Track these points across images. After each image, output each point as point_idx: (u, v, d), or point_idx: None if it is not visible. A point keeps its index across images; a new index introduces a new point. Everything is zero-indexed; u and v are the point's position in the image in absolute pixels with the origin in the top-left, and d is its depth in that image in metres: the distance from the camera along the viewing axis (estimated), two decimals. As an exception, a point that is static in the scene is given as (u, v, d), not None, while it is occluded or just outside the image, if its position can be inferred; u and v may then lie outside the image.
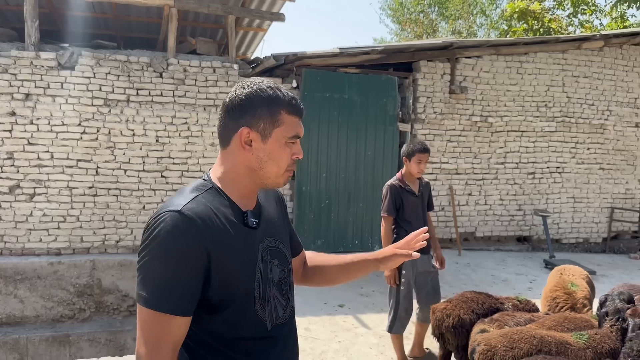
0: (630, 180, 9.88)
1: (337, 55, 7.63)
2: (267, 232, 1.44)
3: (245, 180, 1.41)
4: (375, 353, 4.66)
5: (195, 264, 1.26)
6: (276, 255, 1.44)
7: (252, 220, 1.39)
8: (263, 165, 1.38)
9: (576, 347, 2.97)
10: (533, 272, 7.64)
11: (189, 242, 1.25)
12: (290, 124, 1.39)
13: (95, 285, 6.91)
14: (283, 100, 1.38)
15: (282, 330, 1.42)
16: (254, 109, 1.36)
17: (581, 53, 9.29)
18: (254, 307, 1.35)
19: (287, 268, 1.48)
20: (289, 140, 1.39)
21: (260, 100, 1.36)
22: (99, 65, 6.93)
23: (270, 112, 1.36)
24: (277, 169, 1.40)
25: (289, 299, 1.47)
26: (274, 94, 1.38)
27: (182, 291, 1.25)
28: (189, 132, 7.36)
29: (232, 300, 1.32)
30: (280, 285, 1.43)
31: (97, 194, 7.05)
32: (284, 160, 1.40)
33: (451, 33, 21.08)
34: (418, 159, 4.10)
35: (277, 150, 1.38)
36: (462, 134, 8.64)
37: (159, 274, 1.25)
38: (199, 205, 1.31)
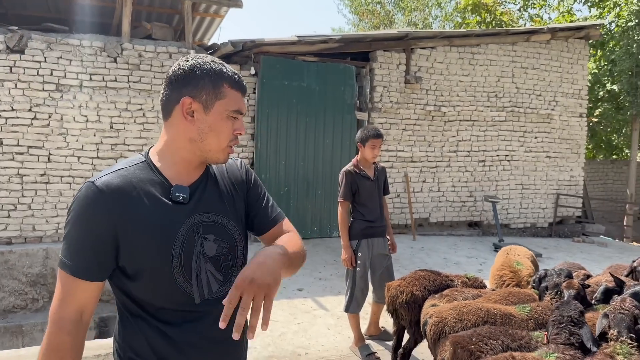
0: (575, 167, 10.39)
1: (295, 43, 7.68)
2: (204, 207, 1.43)
3: (184, 153, 1.42)
4: (333, 333, 4.80)
5: (101, 233, 1.30)
6: (212, 231, 1.43)
7: (178, 195, 1.39)
8: (204, 136, 1.39)
9: (519, 319, 3.18)
10: (483, 255, 7.97)
11: (96, 212, 1.30)
12: (233, 98, 1.41)
13: (49, 275, 6.77)
14: (226, 74, 1.40)
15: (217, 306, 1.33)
16: (196, 79, 1.37)
17: (530, 45, 9.67)
18: (174, 279, 1.36)
19: (230, 243, 1.47)
20: (230, 114, 1.40)
21: (203, 72, 1.38)
22: (50, 49, 6.75)
23: (213, 84, 1.38)
24: (218, 142, 1.41)
25: (230, 275, 1.46)
26: (217, 68, 1.40)
27: (88, 257, 1.31)
28: (145, 118, 7.27)
29: (146, 271, 1.35)
30: (218, 260, 1.43)
31: (49, 182, 6.89)
32: (225, 133, 1.41)
33: (407, 24, 21.42)
34: (372, 144, 4.23)
35: (219, 122, 1.39)
36: (416, 123, 8.87)
37: (70, 239, 1.32)
38: (117, 178, 1.35)
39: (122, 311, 1.43)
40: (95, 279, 1.33)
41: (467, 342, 2.74)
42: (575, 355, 2.54)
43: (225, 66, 1.42)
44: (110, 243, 1.32)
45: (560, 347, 2.57)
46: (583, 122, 10.39)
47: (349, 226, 4.36)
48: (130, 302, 1.40)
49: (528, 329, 3.09)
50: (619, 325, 2.61)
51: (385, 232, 4.47)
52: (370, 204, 4.34)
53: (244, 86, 1.44)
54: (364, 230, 4.30)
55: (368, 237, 4.31)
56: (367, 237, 4.30)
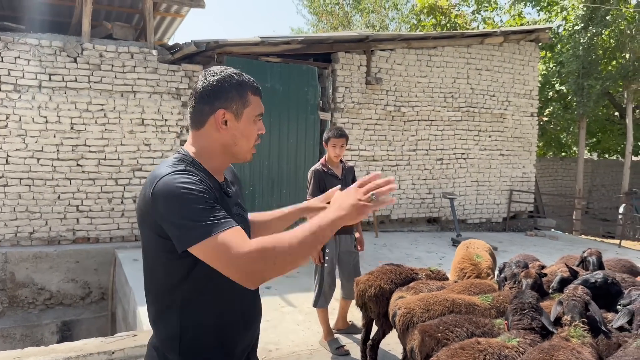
0: (527, 165, 10.88)
1: (258, 44, 7.75)
2: (236, 201, 1.66)
3: (220, 157, 1.59)
4: (302, 329, 4.92)
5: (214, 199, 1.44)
6: (243, 221, 1.64)
7: (229, 190, 1.62)
8: (237, 141, 1.58)
9: (482, 307, 3.39)
10: (442, 249, 8.26)
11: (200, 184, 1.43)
12: (256, 103, 1.59)
13: (8, 279, 6.61)
14: (249, 83, 1.58)
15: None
16: (226, 93, 1.54)
17: (483, 48, 10.06)
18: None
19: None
20: (256, 118, 1.59)
21: (231, 85, 1.55)
22: (7, 49, 6.58)
23: (240, 95, 1.55)
24: (248, 144, 1.60)
25: None
26: (240, 79, 1.57)
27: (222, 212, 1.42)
28: (106, 119, 7.18)
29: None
30: None
31: (7, 184, 6.71)
32: (253, 135, 1.60)
33: (365, 26, 21.75)
34: (333, 144, 4.40)
35: (248, 127, 1.58)
36: (377, 123, 9.09)
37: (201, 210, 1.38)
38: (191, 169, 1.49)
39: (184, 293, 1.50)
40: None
41: (434, 331, 2.92)
42: (535, 339, 2.75)
43: (244, 76, 1.60)
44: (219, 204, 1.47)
45: (521, 332, 2.78)
46: (534, 121, 10.88)
47: None
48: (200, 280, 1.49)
49: (490, 317, 3.30)
50: (572, 311, 2.84)
51: (353, 229, 4.61)
52: None
53: (261, 90, 1.63)
54: None
55: (335, 234, 4.45)
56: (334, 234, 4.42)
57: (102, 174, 7.17)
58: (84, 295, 7.00)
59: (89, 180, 7.11)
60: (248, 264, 1.35)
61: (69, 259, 6.87)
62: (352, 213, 1.47)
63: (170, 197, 1.40)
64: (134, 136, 7.31)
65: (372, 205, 1.48)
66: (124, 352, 3.96)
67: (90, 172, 7.13)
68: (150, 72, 7.34)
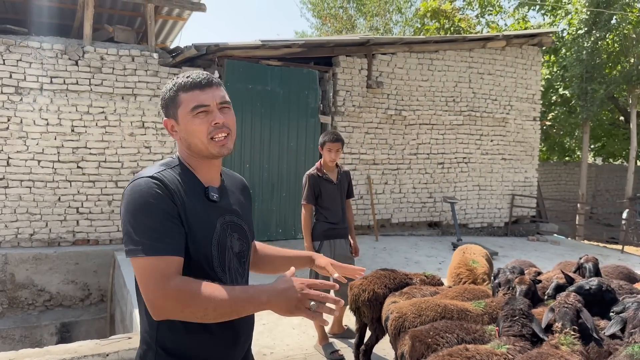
0: (529, 169, 10.84)
1: (259, 47, 7.77)
2: (229, 209, 1.62)
3: (194, 158, 1.59)
4: (297, 333, 4.92)
5: (173, 213, 1.44)
6: (237, 230, 1.62)
7: (213, 195, 1.57)
8: (189, 140, 1.56)
9: (475, 313, 3.38)
10: (442, 254, 8.24)
11: (164, 197, 1.43)
12: (188, 100, 1.54)
13: (8, 280, 6.65)
14: (179, 85, 1.55)
15: None
16: (165, 102, 1.58)
17: (486, 52, 10.05)
18: (214, 268, 1.52)
19: (247, 244, 1.67)
20: (194, 113, 1.53)
21: (165, 92, 1.58)
22: (9, 51, 6.63)
23: (172, 99, 1.56)
24: (199, 139, 1.54)
25: (245, 271, 1.68)
26: (174, 84, 1.57)
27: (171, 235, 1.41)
28: (107, 121, 7.22)
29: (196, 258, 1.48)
30: (240, 257, 1.63)
31: (8, 186, 6.76)
32: (198, 131, 1.53)
33: (369, 29, 21.77)
34: (328, 148, 4.36)
35: (189, 125, 1.54)
36: (378, 127, 9.09)
37: (147, 226, 1.40)
38: (168, 175, 1.50)
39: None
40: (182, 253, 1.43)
41: (424, 336, 2.91)
42: (525, 346, 2.74)
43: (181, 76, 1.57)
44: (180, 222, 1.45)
45: (511, 339, 2.77)
46: (537, 125, 10.85)
47: (311, 228, 4.49)
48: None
49: (483, 323, 3.28)
50: (563, 318, 2.82)
51: (348, 234, 4.60)
52: (333, 207, 4.47)
53: (199, 82, 1.54)
54: (326, 231, 4.43)
55: (330, 239, 4.44)
56: (329, 238, 4.43)
57: (102, 177, 7.21)
58: (83, 297, 7.03)
59: (89, 182, 7.15)
60: (160, 298, 1.36)
61: (68, 260, 6.90)
62: (284, 306, 1.39)
63: (129, 202, 1.44)
64: (134, 139, 7.34)
65: (306, 311, 1.39)
66: (118, 354, 3.98)
67: (91, 174, 7.16)
68: (151, 75, 7.38)
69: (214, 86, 1.56)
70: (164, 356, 1.51)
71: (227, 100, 1.59)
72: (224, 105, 1.57)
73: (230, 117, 1.59)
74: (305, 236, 4.44)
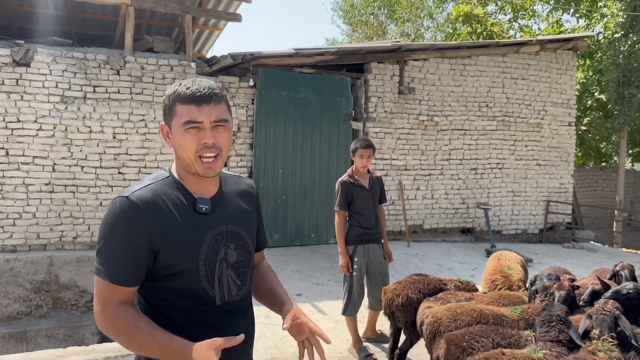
0: (564, 175, 10.67)
1: (292, 55, 7.92)
2: (225, 218, 1.60)
3: (182, 170, 1.58)
4: (331, 336, 4.99)
5: (138, 242, 1.45)
6: (233, 240, 1.60)
7: (202, 207, 1.55)
8: (177, 152, 1.55)
9: (511, 319, 3.39)
10: (476, 260, 8.19)
11: (133, 223, 1.45)
12: (183, 113, 1.50)
13: (53, 282, 6.92)
14: (178, 94, 1.51)
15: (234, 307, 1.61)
16: (164, 107, 1.56)
17: (519, 57, 9.96)
18: (199, 282, 1.52)
19: (247, 252, 1.65)
20: (185, 127, 1.50)
21: (166, 99, 1.55)
22: (56, 62, 6.94)
23: (169, 107, 1.54)
24: (186, 154, 1.52)
25: (245, 281, 1.65)
26: (174, 91, 1.53)
27: (127, 266, 1.46)
28: (147, 129, 7.46)
29: (177, 274, 1.50)
30: (238, 267, 1.61)
31: (53, 191, 7.06)
32: (187, 146, 1.50)
33: (400, 35, 21.76)
34: (360, 154, 4.45)
35: (179, 138, 1.51)
36: (410, 132, 9.12)
37: (108, 250, 1.47)
38: (148, 192, 1.50)
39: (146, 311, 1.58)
40: (134, 284, 1.51)
41: (460, 340, 2.95)
42: (562, 352, 2.75)
43: (183, 85, 1.53)
44: (147, 251, 1.48)
45: (547, 345, 2.79)
46: (572, 130, 10.68)
47: (345, 233, 4.57)
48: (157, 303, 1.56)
49: (519, 328, 3.30)
50: (601, 325, 2.83)
51: (381, 239, 4.66)
52: (366, 212, 4.55)
53: (198, 97, 1.50)
54: (360, 236, 4.51)
55: (364, 243, 4.52)
56: (363, 242, 4.51)
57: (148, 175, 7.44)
58: (123, 299, 7.26)
59: (129, 187, 7.39)
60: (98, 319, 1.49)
61: (109, 263, 7.13)
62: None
63: (103, 220, 1.50)
64: (172, 145, 7.56)
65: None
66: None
67: (131, 179, 7.41)
68: (189, 84, 7.59)
69: (212, 103, 1.51)
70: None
71: (223, 118, 1.52)
72: (219, 124, 1.52)
73: (223, 137, 1.54)
74: (339, 242, 4.52)
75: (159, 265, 1.51)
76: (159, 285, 1.54)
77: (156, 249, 1.49)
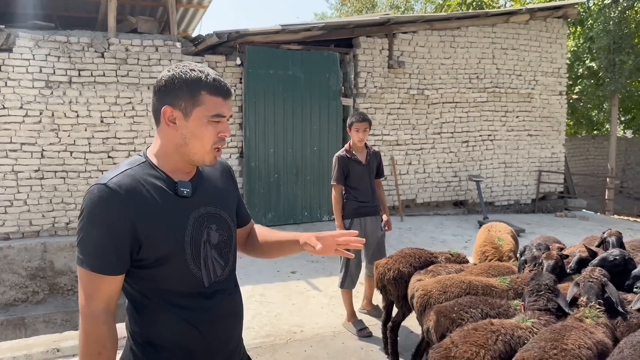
0: (556, 145, 10.69)
1: (279, 32, 7.82)
2: (205, 200, 1.59)
3: (174, 156, 1.54)
4: (326, 311, 5.05)
5: (120, 230, 1.43)
6: (214, 221, 1.59)
7: (183, 190, 1.53)
8: (187, 141, 1.50)
9: (500, 289, 3.43)
10: (468, 232, 8.25)
11: (113, 211, 1.42)
12: (212, 104, 1.49)
13: (48, 268, 6.94)
14: (204, 82, 1.48)
15: (221, 287, 1.61)
16: (175, 89, 1.48)
17: (509, 26, 9.88)
18: (187, 265, 1.52)
19: (228, 232, 1.64)
20: (211, 119, 1.49)
21: (182, 82, 1.48)
22: (38, 46, 6.83)
23: (191, 93, 1.47)
24: (202, 146, 1.51)
25: (228, 260, 1.64)
26: (195, 76, 1.48)
27: (109, 254, 1.43)
28: (134, 111, 7.39)
29: (164, 259, 1.48)
30: (220, 247, 1.61)
31: (43, 177, 7.02)
32: (207, 137, 1.50)
33: (389, 8, 21.49)
34: (356, 128, 4.52)
35: (200, 128, 1.49)
36: (401, 107, 9.08)
37: (89, 239, 1.44)
38: (126, 178, 1.46)
39: (135, 299, 1.55)
40: (118, 273, 1.48)
41: (449, 311, 2.98)
42: (550, 320, 2.79)
43: (204, 73, 1.50)
44: (129, 238, 1.45)
45: (536, 313, 2.82)
46: (563, 100, 10.66)
47: (342, 207, 4.61)
48: (146, 290, 1.54)
49: (508, 298, 3.33)
50: (588, 293, 2.87)
51: (378, 211, 4.73)
52: (361, 187, 4.60)
53: (225, 90, 1.52)
54: (356, 209, 4.57)
55: (360, 216, 4.59)
56: (359, 216, 4.57)
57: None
58: (119, 282, 7.29)
59: (120, 171, 7.35)
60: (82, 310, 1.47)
61: (103, 247, 7.14)
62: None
63: (82, 209, 1.47)
64: (161, 127, 7.50)
65: None
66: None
67: (121, 163, 7.35)
68: (175, 64, 7.50)
69: (229, 97, 1.54)
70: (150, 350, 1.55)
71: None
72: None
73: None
74: (336, 215, 4.59)
75: (145, 252, 1.49)
76: (147, 273, 1.52)
77: (140, 236, 1.46)
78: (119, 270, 1.48)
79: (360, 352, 4.25)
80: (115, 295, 1.50)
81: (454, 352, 2.52)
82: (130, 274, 1.52)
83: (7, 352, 3.99)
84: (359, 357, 4.16)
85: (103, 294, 1.46)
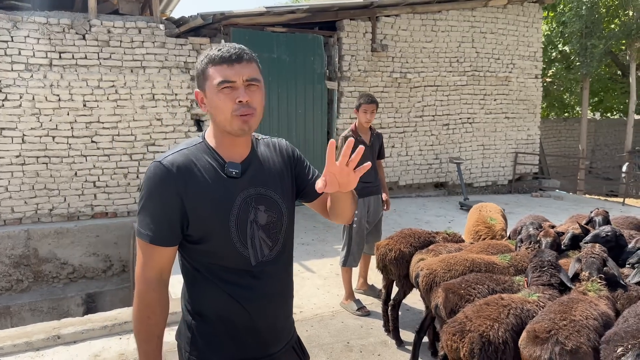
0: (532, 127, 10.96)
1: (263, 14, 7.75)
2: (255, 181, 1.64)
3: (218, 133, 1.63)
4: (322, 292, 5.13)
5: (171, 205, 1.53)
6: (263, 202, 1.64)
7: (232, 170, 1.59)
8: (213, 115, 1.59)
9: (501, 266, 3.56)
10: (450, 213, 8.44)
11: (164, 187, 1.52)
12: (215, 74, 1.54)
13: (32, 255, 6.81)
14: (210, 58, 1.56)
15: (267, 267, 1.65)
16: (197, 74, 1.61)
17: (488, 10, 10.01)
18: (233, 243, 1.58)
19: (278, 213, 1.67)
20: (219, 88, 1.53)
21: (199, 65, 1.59)
22: (16, 28, 6.60)
23: (202, 71, 1.58)
24: (223, 115, 1.55)
25: (277, 241, 1.68)
26: (205, 55, 1.58)
27: (163, 227, 1.54)
28: (117, 95, 7.24)
29: (210, 236, 1.56)
30: (268, 228, 1.64)
31: (25, 163, 6.84)
32: (221, 106, 1.54)
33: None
34: (364, 109, 4.59)
35: (214, 99, 1.55)
36: (384, 90, 9.14)
37: (145, 212, 1.55)
38: (180, 156, 1.57)
39: (189, 272, 1.66)
40: (171, 244, 1.58)
41: (457, 288, 3.09)
42: (553, 294, 2.92)
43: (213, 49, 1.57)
44: (180, 213, 1.55)
45: (540, 288, 2.95)
46: (538, 83, 10.91)
47: None
48: (197, 264, 1.63)
49: (509, 275, 3.47)
50: (590, 267, 3.00)
51: (380, 191, 4.90)
52: None
53: (228, 57, 1.53)
54: (360, 190, 4.65)
55: (364, 196, 4.70)
56: (363, 196, 4.68)
57: (116, 150, 7.29)
58: (105, 268, 7.22)
59: (104, 156, 7.23)
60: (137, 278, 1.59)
61: (89, 233, 7.05)
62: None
63: (142, 186, 1.59)
64: (145, 111, 7.39)
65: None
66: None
67: (105, 148, 7.24)
68: (159, 47, 7.38)
69: (243, 62, 1.53)
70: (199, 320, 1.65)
71: (255, 77, 1.55)
72: (252, 83, 1.54)
73: (257, 96, 1.56)
74: None
75: (192, 228, 1.57)
76: (196, 248, 1.60)
77: (188, 211, 1.55)
78: (171, 242, 1.58)
79: (361, 330, 4.35)
80: (168, 265, 1.61)
81: (469, 326, 2.62)
82: (183, 248, 1.63)
83: (7, 340, 3.94)
84: (359, 335, 4.26)
85: (156, 263, 1.57)
